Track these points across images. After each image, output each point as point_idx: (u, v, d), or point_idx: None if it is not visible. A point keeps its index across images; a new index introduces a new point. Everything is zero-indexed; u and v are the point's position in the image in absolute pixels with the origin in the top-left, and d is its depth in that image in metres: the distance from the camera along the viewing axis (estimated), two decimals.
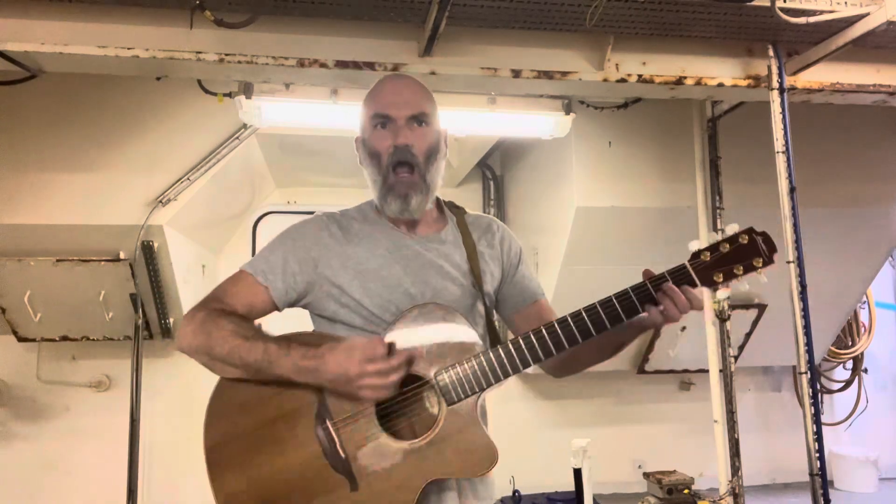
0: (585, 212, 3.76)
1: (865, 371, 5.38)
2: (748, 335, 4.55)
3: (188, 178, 3.67)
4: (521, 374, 2.12)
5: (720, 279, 1.36)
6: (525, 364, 1.39)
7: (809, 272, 2.72)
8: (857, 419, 5.30)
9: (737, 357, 4.09)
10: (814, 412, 2.70)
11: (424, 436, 1.37)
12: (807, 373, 2.69)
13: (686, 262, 1.39)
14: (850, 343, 5.32)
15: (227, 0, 2.39)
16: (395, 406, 1.39)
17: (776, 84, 2.83)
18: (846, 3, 2.57)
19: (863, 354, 5.35)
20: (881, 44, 2.86)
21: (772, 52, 2.85)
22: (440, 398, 1.38)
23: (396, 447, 1.36)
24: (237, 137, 3.70)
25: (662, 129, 3.79)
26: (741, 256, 1.36)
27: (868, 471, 5.10)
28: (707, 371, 3.72)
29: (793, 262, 2.72)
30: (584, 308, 1.39)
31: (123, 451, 4.01)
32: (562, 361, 1.53)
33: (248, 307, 1.46)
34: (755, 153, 3.43)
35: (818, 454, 2.67)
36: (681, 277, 1.38)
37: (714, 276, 1.36)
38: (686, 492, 4.31)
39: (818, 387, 4.78)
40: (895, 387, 5.70)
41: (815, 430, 2.69)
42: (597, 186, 3.77)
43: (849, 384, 5.38)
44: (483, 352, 1.40)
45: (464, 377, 1.38)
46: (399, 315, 1.42)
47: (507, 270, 1.64)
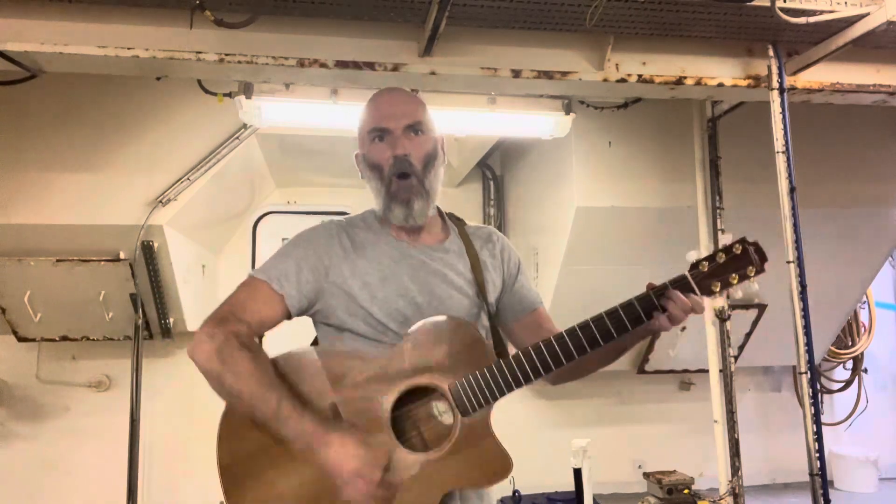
0: (585, 212, 3.76)
1: (865, 371, 5.38)
2: (748, 335, 4.55)
3: (188, 178, 3.68)
4: None
5: (717, 288, 1.43)
6: (537, 374, 1.42)
7: (809, 272, 2.71)
8: (857, 419, 5.30)
9: (737, 357, 4.09)
10: (814, 412, 2.70)
11: (440, 447, 1.37)
12: (807, 373, 2.69)
13: (686, 273, 1.44)
14: (850, 343, 5.32)
15: (227, 0, 2.39)
16: (409, 417, 1.40)
17: (776, 84, 2.83)
18: (846, 3, 2.57)
19: (863, 354, 5.36)
20: (881, 44, 2.86)
21: (772, 52, 2.84)
22: (454, 409, 1.39)
23: (413, 459, 1.36)
24: (237, 137, 3.70)
25: (662, 129, 3.79)
26: (736, 266, 1.43)
27: (868, 471, 5.10)
28: (707, 371, 3.72)
29: (793, 262, 2.72)
30: (592, 318, 1.42)
31: (123, 451, 4.01)
32: (566, 369, 1.54)
33: (265, 321, 1.45)
34: (755, 153, 3.43)
35: (818, 454, 2.67)
36: (682, 287, 1.43)
37: (712, 286, 1.43)
38: (686, 492, 4.31)
39: (818, 387, 4.78)
40: (895, 387, 5.70)
41: (815, 430, 2.68)
42: (597, 186, 3.77)
43: (849, 384, 5.39)
44: (496, 362, 1.41)
45: (478, 388, 1.39)
46: (410, 325, 1.43)
47: (508, 280, 1.65)
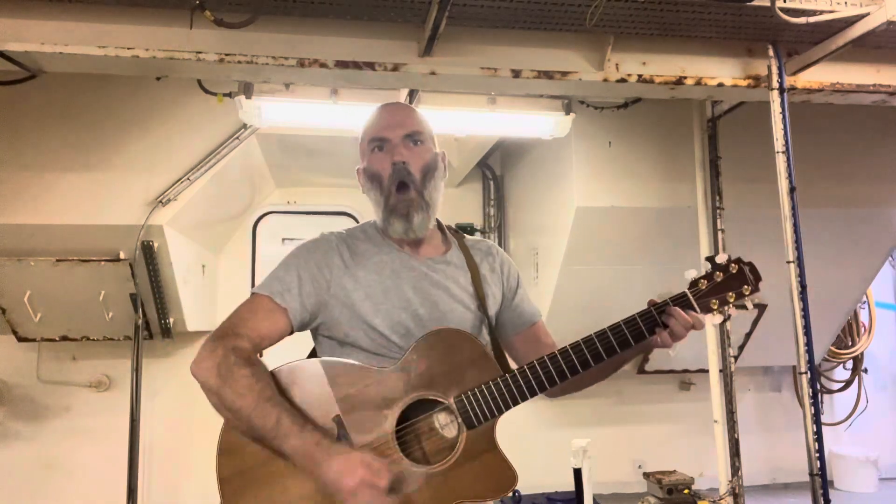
0: (585, 212, 3.76)
1: (865, 371, 5.38)
2: (748, 335, 4.55)
3: (188, 178, 3.68)
4: None
5: (715, 305, 1.48)
6: (542, 388, 1.44)
7: (809, 272, 2.72)
8: (857, 419, 5.30)
9: (737, 357, 4.09)
10: (814, 412, 2.70)
11: (445, 460, 1.38)
12: (807, 373, 2.69)
13: (686, 290, 1.48)
14: (850, 343, 5.32)
15: (227, 0, 2.39)
16: (410, 430, 1.40)
17: (776, 84, 2.83)
18: (846, 3, 2.57)
19: (863, 354, 5.36)
20: (881, 44, 2.86)
21: (772, 52, 2.84)
22: (459, 422, 1.39)
23: (418, 472, 1.36)
24: (237, 137, 3.70)
25: (662, 129, 3.79)
26: (732, 284, 1.48)
27: (868, 471, 5.10)
28: (707, 371, 3.72)
29: (793, 262, 2.72)
30: (595, 333, 1.46)
31: (123, 451, 4.01)
32: (568, 382, 1.55)
33: (267, 335, 1.44)
34: (755, 153, 3.44)
35: (818, 454, 2.67)
36: (682, 305, 1.47)
37: (710, 303, 1.48)
38: (686, 492, 4.31)
39: (818, 387, 4.78)
40: (895, 387, 5.70)
41: (815, 430, 2.68)
42: (597, 186, 3.77)
43: (849, 384, 5.39)
44: (502, 376, 1.42)
45: (483, 401, 1.40)
46: (412, 338, 1.44)
47: (507, 294, 1.66)
